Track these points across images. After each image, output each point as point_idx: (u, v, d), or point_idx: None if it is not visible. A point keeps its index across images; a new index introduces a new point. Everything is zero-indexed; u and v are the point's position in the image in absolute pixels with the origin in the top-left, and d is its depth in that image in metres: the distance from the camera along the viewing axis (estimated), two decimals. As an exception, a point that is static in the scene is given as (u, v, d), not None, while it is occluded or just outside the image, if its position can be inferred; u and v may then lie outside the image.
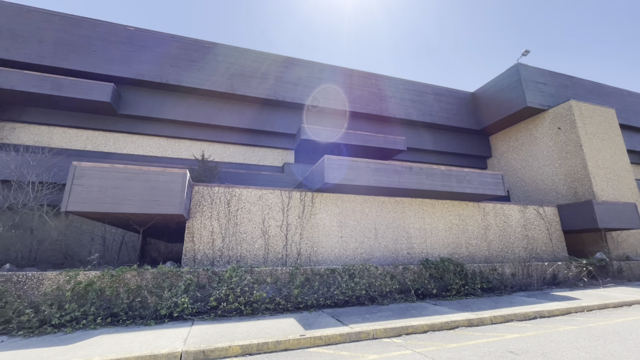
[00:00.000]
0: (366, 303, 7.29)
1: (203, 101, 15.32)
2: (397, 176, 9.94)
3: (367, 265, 8.51)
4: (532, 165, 17.82)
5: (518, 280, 10.07)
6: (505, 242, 12.37)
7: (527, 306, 6.68)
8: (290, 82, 16.38)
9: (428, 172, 10.39)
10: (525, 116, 18.11)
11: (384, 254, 10.54)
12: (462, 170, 10.94)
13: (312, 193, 10.28)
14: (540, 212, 13.45)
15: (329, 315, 6.26)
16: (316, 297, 7.03)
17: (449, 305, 7.13)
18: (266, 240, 9.38)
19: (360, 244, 10.34)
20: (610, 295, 7.99)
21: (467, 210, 12.14)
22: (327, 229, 10.11)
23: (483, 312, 6.17)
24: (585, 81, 19.23)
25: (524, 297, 7.99)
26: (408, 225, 11.12)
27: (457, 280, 8.61)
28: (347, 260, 10.02)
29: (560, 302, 7.19)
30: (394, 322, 5.53)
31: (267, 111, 16.29)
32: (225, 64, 15.52)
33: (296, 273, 7.93)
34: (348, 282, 7.48)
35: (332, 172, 9.28)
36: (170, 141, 15.19)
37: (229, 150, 15.97)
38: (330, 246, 9.98)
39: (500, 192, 11.29)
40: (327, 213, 10.27)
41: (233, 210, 9.36)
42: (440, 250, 11.26)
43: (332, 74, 17.32)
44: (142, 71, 14.16)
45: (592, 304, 6.83)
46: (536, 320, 5.97)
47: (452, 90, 20.24)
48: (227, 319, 6.04)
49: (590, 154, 15.53)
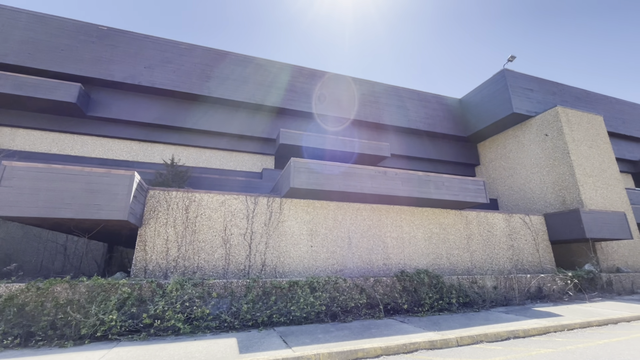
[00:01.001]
0: (326, 320, 6.58)
1: (178, 104, 14.75)
2: (370, 181, 9.33)
3: (335, 277, 7.83)
4: (520, 173, 17.34)
5: (500, 293, 9.40)
6: (489, 253, 11.73)
7: (502, 324, 6.01)
8: (270, 85, 15.88)
9: (404, 177, 9.80)
10: (513, 123, 17.71)
11: (357, 264, 9.85)
12: (441, 176, 10.37)
13: (280, 199, 9.63)
14: (526, 221, 12.86)
15: (278, 335, 5.54)
16: (269, 314, 6.32)
17: (417, 322, 6.44)
18: (227, 249, 8.67)
19: (332, 254, 9.66)
20: (595, 312, 7.34)
21: (448, 219, 11.53)
22: (296, 237, 9.43)
23: (451, 332, 5.49)
24: (572, 88, 18.95)
25: (502, 313, 7.32)
26: (384, 234, 10.47)
27: (431, 295, 7.93)
28: (317, 272, 9.31)
29: (540, 319, 6.53)
30: (345, 344, 4.84)
31: (247, 115, 15.74)
32: (202, 66, 15.01)
33: (253, 286, 7.22)
34: (308, 296, 6.78)
35: (299, 176, 8.66)
36: (143, 145, 14.54)
37: (205, 155, 15.34)
38: (299, 256, 9.28)
39: (482, 199, 10.71)
40: (297, 220, 9.60)
41: (192, 216, 8.67)
42: (419, 261, 10.59)
43: (316, 78, 16.87)
44: (113, 72, 13.60)
45: (574, 322, 6.18)
46: (509, 341, 5.30)
47: (439, 97, 19.87)
48: (159, 339, 5.30)
49: (578, 162, 15.07)
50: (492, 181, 19.02)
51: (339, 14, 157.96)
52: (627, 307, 7.97)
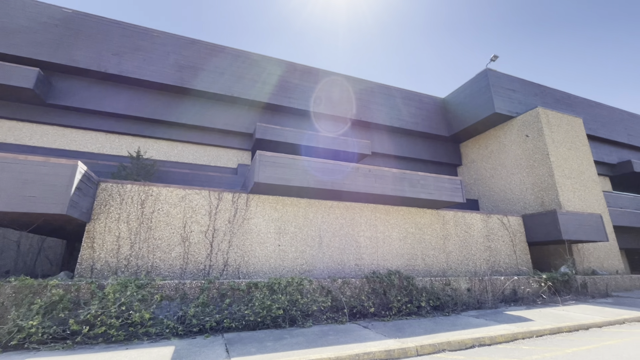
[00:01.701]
0: (284, 325, 6.08)
1: (148, 94, 14.00)
2: (341, 177, 8.88)
3: (299, 278, 7.33)
4: (501, 174, 17.21)
5: (474, 296, 9.09)
6: (466, 254, 11.45)
7: (469, 331, 5.63)
8: (248, 78, 15.27)
9: (378, 174, 9.39)
10: (495, 123, 17.57)
11: (328, 265, 9.38)
12: (417, 173, 10.00)
13: (247, 195, 9.08)
14: (504, 221, 12.65)
15: (224, 343, 5.01)
16: (219, 319, 5.77)
17: (381, 328, 6.01)
18: (186, 248, 8.07)
19: (301, 254, 9.16)
20: (567, 316, 7.07)
21: (425, 218, 11.18)
22: (263, 236, 8.90)
23: (413, 340, 5.07)
24: (554, 90, 18.97)
25: (473, 317, 6.97)
26: (358, 234, 10.04)
27: (400, 298, 7.53)
28: (285, 272, 8.81)
29: (509, 324, 6.19)
30: (292, 354, 4.35)
31: (222, 108, 15.09)
32: (175, 55, 14.29)
33: (208, 287, 6.67)
34: (265, 299, 6.26)
35: (265, 170, 8.13)
36: (110, 136, 13.73)
37: (177, 148, 14.63)
38: (265, 256, 8.75)
39: (458, 198, 10.39)
40: (264, 218, 9.06)
41: (148, 212, 8.03)
42: (393, 261, 10.20)
43: (296, 73, 16.33)
44: (77, 57, 12.76)
45: (544, 327, 5.85)
46: (473, 350, 4.91)
47: (423, 95, 19.61)
48: (86, 348, 4.70)
49: (557, 163, 15.00)
50: (474, 182, 18.88)
51: (333, 14, 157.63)
52: (599, 311, 7.74)
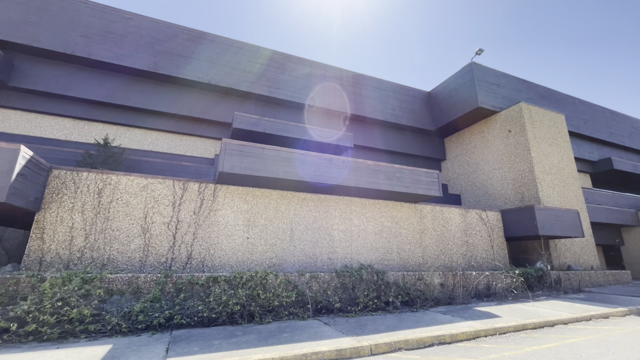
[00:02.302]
0: (240, 322, 5.78)
1: (120, 79, 13.36)
2: (313, 169, 8.55)
3: (264, 272, 7.03)
4: (483, 169, 17.15)
5: (447, 291, 8.94)
6: (443, 248, 11.32)
7: (430, 328, 5.42)
8: (226, 65, 14.72)
9: (352, 165, 9.10)
10: (479, 118, 17.44)
11: (299, 259, 9.10)
12: (393, 166, 9.75)
13: (214, 185, 8.69)
14: (482, 216, 12.56)
15: (168, 341, 4.68)
16: (169, 315, 5.43)
17: (342, 325, 5.76)
18: (147, 240, 7.67)
19: (271, 247, 8.85)
20: (535, 312, 6.95)
21: (402, 212, 10.98)
22: (231, 228, 8.54)
23: (370, 337, 4.83)
24: (538, 86, 18.92)
25: (440, 313, 6.79)
26: (332, 227, 9.77)
27: (367, 293, 7.30)
28: (253, 266, 8.49)
29: (475, 321, 6.02)
30: (234, 354, 4.06)
31: (199, 96, 14.54)
32: (149, 39, 13.64)
33: (164, 282, 6.31)
34: (220, 295, 5.94)
35: (231, 159, 7.74)
36: (78, 123, 13.08)
37: (151, 137, 14.05)
38: (232, 249, 8.41)
39: (434, 192, 10.20)
40: (232, 210, 8.70)
41: (105, 201, 7.58)
42: (367, 255, 9.98)
43: (278, 61, 15.84)
44: (41, 38, 12.03)
45: (508, 324, 5.69)
46: (431, 348, 4.70)
47: (408, 88, 19.33)
48: (12, 347, 4.31)
49: (538, 159, 14.96)
50: (457, 177, 18.81)
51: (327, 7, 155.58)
52: (569, 307, 7.66)
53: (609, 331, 5.68)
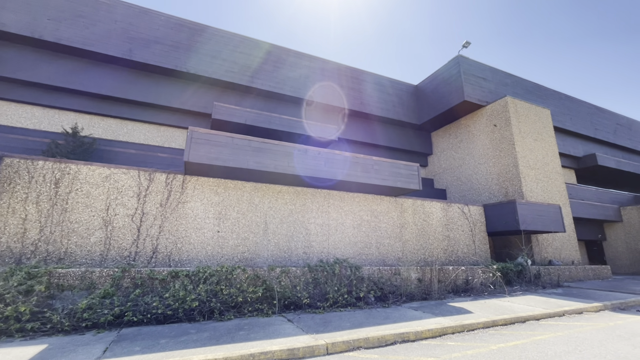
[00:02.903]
0: (199, 319, 5.47)
1: (93, 66, 12.78)
2: (287, 160, 8.23)
3: (230, 267, 6.71)
4: (469, 164, 17.02)
5: (424, 286, 8.75)
6: (423, 243, 11.14)
7: (396, 325, 5.19)
8: (206, 53, 14.21)
9: (328, 157, 8.79)
10: (465, 112, 17.27)
11: (273, 253, 8.81)
12: (371, 158, 9.47)
13: (183, 176, 8.31)
14: (465, 211, 12.40)
15: (110, 340, 4.36)
16: (119, 312, 5.09)
17: (307, 321, 5.50)
18: (109, 233, 7.28)
19: (244, 241, 8.53)
20: (509, 308, 6.79)
21: (382, 206, 10.74)
22: (200, 221, 8.19)
23: (330, 335, 4.57)
24: (525, 81, 18.80)
25: (412, 309, 6.58)
26: (308, 220, 9.48)
27: (338, 288, 7.06)
28: (223, 260, 8.17)
29: (445, 317, 5.81)
30: (178, 354, 3.76)
31: (178, 86, 14.04)
32: (124, 25, 13.05)
33: (120, 276, 5.96)
34: (178, 290, 5.62)
35: (198, 149, 7.37)
36: (48, 111, 12.49)
37: (126, 127, 13.53)
38: (202, 242, 8.07)
39: (414, 185, 9.97)
40: (202, 202, 8.34)
41: (63, 192, 7.16)
42: (344, 249, 9.74)
43: (260, 51, 15.37)
44: (7, 21, 11.38)
45: (478, 321, 5.50)
46: (393, 347, 4.46)
47: (395, 81, 19.03)
48: None
49: (522, 153, 14.86)
50: (443, 171, 18.67)
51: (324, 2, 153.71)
52: (544, 302, 7.53)
53: (581, 327, 5.53)
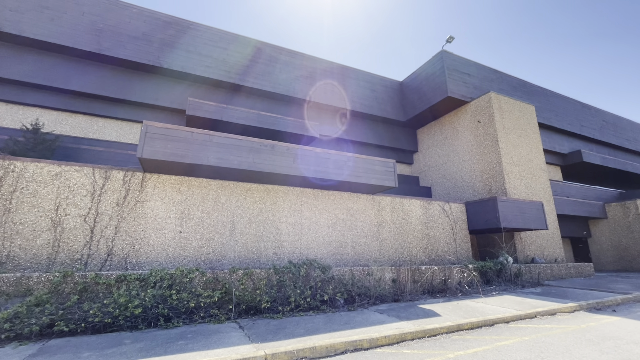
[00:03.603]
0: (140, 327, 5.05)
1: (59, 60, 12.22)
2: (252, 156, 7.82)
3: (187, 269, 6.30)
4: (454, 161, 16.76)
5: (399, 287, 8.41)
6: (402, 242, 10.81)
7: (352, 331, 4.83)
8: (180, 48, 13.72)
9: (298, 153, 8.40)
10: (449, 108, 17.00)
11: (241, 254, 8.40)
12: (344, 154, 9.11)
13: (142, 174, 7.85)
14: (445, 208, 12.11)
15: (30, 353, 3.93)
16: (47, 322, 4.65)
17: (259, 328, 5.11)
18: (57, 234, 6.81)
19: (208, 242, 8.11)
20: (480, 310, 6.48)
21: (358, 204, 10.39)
22: (161, 221, 7.75)
23: (276, 344, 4.19)
24: (511, 77, 18.60)
25: (377, 313, 6.22)
26: (279, 220, 9.08)
27: (301, 290, 6.68)
28: (186, 262, 7.75)
29: (409, 321, 5.47)
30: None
31: (151, 80, 13.54)
32: (93, 17, 12.50)
33: (60, 281, 5.50)
34: (119, 296, 5.20)
35: (153, 144, 6.92)
36: (12, 107, 11.92)
37: (97, 124, 12.99)
38: (162, 244, 7.63)
39: (390, 182, 9.63)
40: (164, 201, 7.90)
41: (7, 191, 6.67)
42: (318, 249, 9.37)
43: (238, 46, 14.91)
44: (-37, 11, 10.80)
45: (442, 325, 5.16)
46: (343, 356, 4.09)
47: (380, 78, 18.69)
48: None
49: (506, 150, 14.62)
50: (428, 169, 18.40)
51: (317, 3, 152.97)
52: (519, 302, 7.24)
53: (550, 330, 5.22)
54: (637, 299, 7.87)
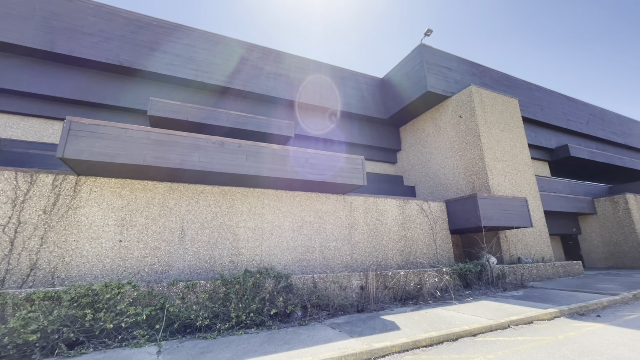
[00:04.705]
0: (34, 356, 4.24)
1: (7, 59, 11.41)
2: (197, 154, 7.05)
3: (117, 283, 5.50)
4: (436, 158, 16.11)
5: (368, 294, 7.65)
6: (376, 245, 10.08)
7: (285, 354, 4.06)
8: (143, 45, 12.98)
9: (251, 150, 7.65)
10: (431, 104, 16.39)
11: (192, 263, 7.60)
12: (305, 151, 8.37)
13: (76, 177, 7.05)
14: (424, 207, 11.41)
15: None
16: None
17: (182, 352, 4.33)
18: (-31, 247, 5.98)
19: (153, 251, 7.31)
20: (448, 320, 5.74)
21: (327, 205, 9.65)
22: (97, 229, 6.94)
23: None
24: (494, 71, 18.06)
25: (332, 327, 5.46)
26: (237, 224, 8.31)
27: (245, 304, 5.90)
28: (126, 275, 6.94)
29: (362, 337, 4.71)
30: None
31: (112, 81, 12.75)
32: (44, 13, 11.73)
33: (-49, 304, 4.68)
34: (17, 320, 4.39)
35: (77, 142, 6.14)
36: (-45, 111, 11.06)
37: (52, 127, 12.16)
38: (98, 255, 6.82)
39: (357, 180, 8.90)
40: (101, 207, 7.10)
41: None
42: (282, 256, 8.59)
43: (205, 42, 14.21)
44: None
45: (394, 343, 4.40)
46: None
47: (360, 74, 18.06)
48: None
49: (488, 145, 14.00)
50: (411, 167, 17.73)
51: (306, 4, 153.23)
52: (495, 309, 6.51)
53: (521, 344, 4.50)
54: (624, 301, 7.20)
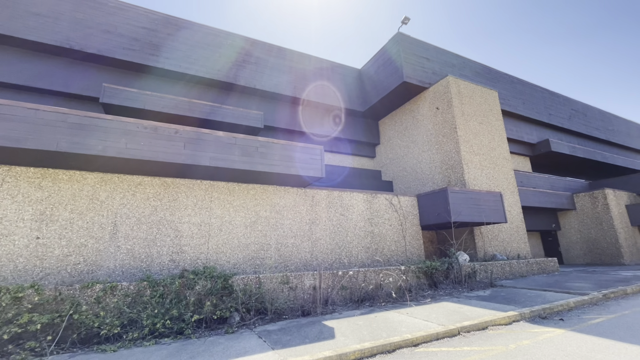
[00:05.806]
0: None
1: (-61, 39, 10.38)
2: (124, 140, 6.27)
3: (15, 287, 4.73)
4: (413, 152, 15.55)
5: (320, 295, 6.99)
6: (339, 241, 9.44)
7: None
8: (97, 28, 12.04)
9: (191, 137, 6.90)
10: (408, 95, 15.79)
11: (124, 262, 6.84)
12: (256, 139, 7.65)
13: (-15, 166, 6.22)
14: (394, 202, 10.81)
15: None
16: None
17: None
18: None
19: (78, 249, 6.53)
20: (396, 326, 5.12)
21: (285, 199, 8.96)
22: (9, 225, 6.13)
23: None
24: (474, 62, 17.54)
25: (259, 336, 4.79)
26: (179, 219, 7.56)
27: (157, 311, 5.19)
28: (44, 276, 6.15)
29: (286, 349, 4.07)
30: None
31: (63, 65, 11.80)
32: (-17, -10, 10.70)
33: None
34: None
35: (-26, 124, 5.31)
36: None
37: (-6, 115, 11.13)
38: (9, 254, 6.01)
39: (315, 172, 8.23)
40: (15, 200, 6.28)
41: None
42: (231, 254, 7.88)
43: (166, 26, 13.31)
44: None
45: (316, 357, 3.77)
46: None
47: (337, 65, 17.33)
48: None
49: (465, 138, 13.46)
50: (389, 162, 17.15)
51: None
52: (452, 312, 5.93)
53: (464, 357, 3.90)
54: (593, 301, 6.71)
